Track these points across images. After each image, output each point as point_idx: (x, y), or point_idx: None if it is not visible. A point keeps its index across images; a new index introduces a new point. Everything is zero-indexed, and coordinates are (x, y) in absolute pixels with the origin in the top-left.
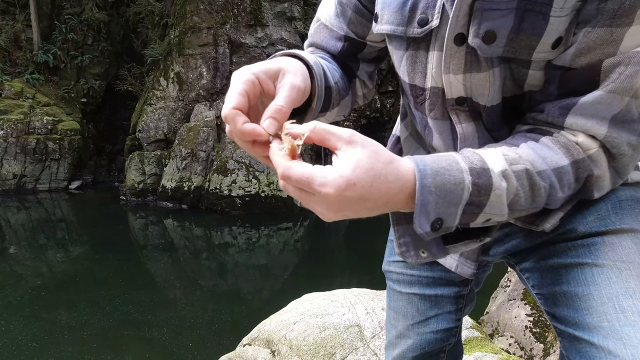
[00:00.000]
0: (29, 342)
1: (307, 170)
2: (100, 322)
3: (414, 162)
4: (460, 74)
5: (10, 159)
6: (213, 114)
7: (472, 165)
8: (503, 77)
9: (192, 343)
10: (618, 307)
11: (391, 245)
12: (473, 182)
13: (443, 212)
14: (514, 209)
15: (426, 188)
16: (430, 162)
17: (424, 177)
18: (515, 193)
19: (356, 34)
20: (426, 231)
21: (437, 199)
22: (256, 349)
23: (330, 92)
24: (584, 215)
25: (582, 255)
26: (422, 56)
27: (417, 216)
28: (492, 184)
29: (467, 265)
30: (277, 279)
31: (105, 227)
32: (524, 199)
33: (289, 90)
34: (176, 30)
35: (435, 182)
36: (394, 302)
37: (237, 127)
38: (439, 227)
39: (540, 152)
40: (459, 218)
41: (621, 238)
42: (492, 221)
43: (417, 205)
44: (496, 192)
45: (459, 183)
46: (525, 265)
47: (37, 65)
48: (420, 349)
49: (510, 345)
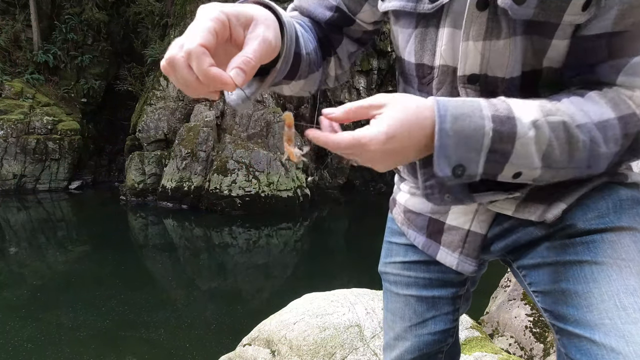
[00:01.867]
0: (26, 343)
1: (350, 137)
2: (99, 322)
3: (436, 108)
4: (480, 40)
5: (10, 159)
6: (213, 114)
7: (496, 112)
8: (524, 48)
9: (192, 343)
10: (619, 304)
11: (387, 246)
12: (494, 128)
13: (464, 157)
14: (550, 164)
15: (444, 132)
16: (452, 107)
17: (443, 122)
18: (547, 144)
19: (348, 7)
20: (446, 175)
21: (456, 143)
22: (256, 349)
23: (299, 60)
24: (584, 212)
25: (582, 252)
26: (432, 33)
27: (436, 158)
28: (517, 132)
29: (468, 262)
30: (277, 279)
31: (105, 227)
32: (559, 152)
33: (260, 44)
34: (176, 30)
35: (454, 127)
36: (391, 303)
37: (201, 67)
38: (461, 174)
39: (583, 106)
40: (482, 166)
41: (620, 236)
42: (523, 176)
43: (435, 147)
44: (521, 140)
45: (479, 129)
46: (523, 262)
47: (37, 65)
48: (418, 351)
49: (510, 345)
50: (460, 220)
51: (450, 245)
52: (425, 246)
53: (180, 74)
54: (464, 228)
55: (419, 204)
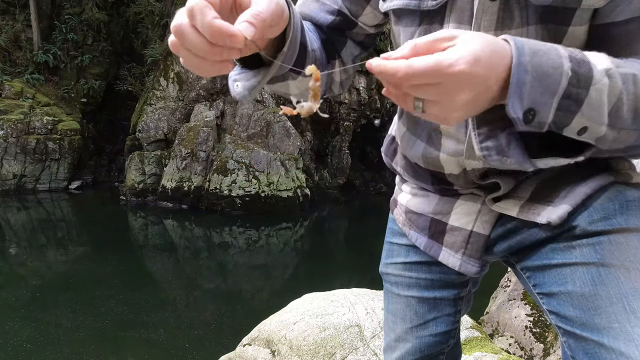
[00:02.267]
0: (25, 343)
1: (430, 58)
2: (98, 322)
3: (513, 41)
4: (491, 31)
5: (10, 159)
6: (213, 114)
7: (572, 54)
8: (541, 39)
9: (192, 343)
10: (628, 307)
11: (388, 247)
12: (572, 68)
13: (537, 100)
14: (615, 123)
15: (522, 66)
16: (528, 42)
17: (521, 54)
18: (618, 96)
19: (350, 10)
20: (518, 116)
21: (532, 80)
22: (256, 349)
23: (305, 53)
24: (590, 214)
25: (588, 254)
26: (436, 30)
27: (511, 96)
28: (593, 76)
29: (471, 263)
30: (277, 279)
31: (105, 227)
32: (627, 109)
33: (269, 3)
34: None
35: (533, 62)
36: (392, 304)
37: (206, 19)
38: (531, 119)
39: None
40: (553, 112)
41: (628, 238)
42: (588, 133)
43: (512, 83)
44: (597, 86)
45: (558, 67)
46: (527, 264)
47: (37, 65)
48: (419, 352)
49: (510, 345)
50: (463, 220)
51: (452, 246)
52: (427, 247)
53: (189, 40)
54: (467, 229)
55: (420, 205)
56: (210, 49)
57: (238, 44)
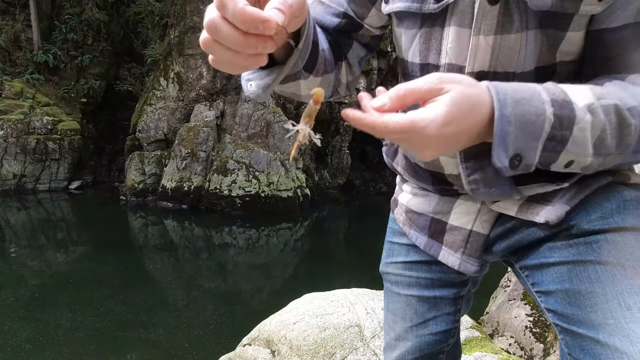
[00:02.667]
0: (24, 344)
1: (406, 119)
2: (98, 322)
3: (495, 91)
4: (491, 35)
5: (10, 159)
6: (213, 114)
7: (554, 96)
8: (538, 42)
9: (192, 343)
10: (623, 304)
11: (389, 246)
12: (555, 113)
13: (523, 146)
14: (600, 151)
15: (505, 118)
16: (511, 91)
17: (503, 106)
18: (601, 129)
19: (355, 13)
20: (504, 165)
21: (516, 130)
22: (256, 349)
23: (317, 51)
24: (587, 213)
25: (585, 253)
26: (437, 32)
27: (495, 147)
28: (576, 117)
29: (470, 262)
30: (277, 279)
31: (105, 227)
32: (610, 138)
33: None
34: (176, 30)
35: (515, 112)
36: (391, 303)
37: (237, 7)
38: (517, 164)
39: (629, 89)
40: (539, 154)
41: (625, 236)
42: (575, 164)
43: (495, 135)
44: (579, 125)
45: (540, 114)
46: (526, 263)
47: (37, 65)
48: (419, 351)
49: (510, 345)
50: (463, 220)
51: (452, 246)
52: (427, 246)
53: (222, 33)
54: (467, 228)
55: (420, 205)
56: (244, 40)
57: (270, 30)
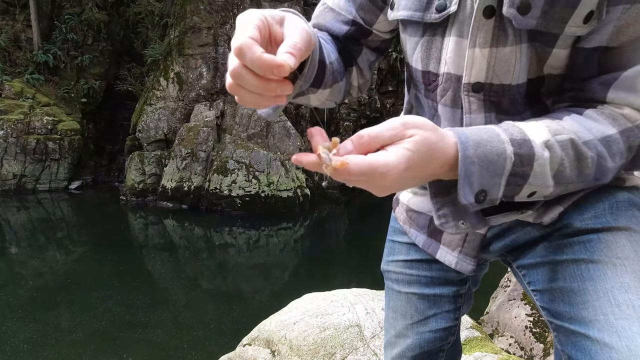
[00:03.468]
0: (23, 344)
1: (366, 164)
2: (98, 322)
3: (457, 136)
4: (486, 47)
5: (10, 159)
6: (213, 114)
7: (512, 136)
8: (530, 56)
9: (192, 343)
10: (613, 301)
11: (390, 245)
12: (515, 152)
13: (487, 183)
14: (560, 181)
15: (469, 159)
16: (471, 134)
17: (465, 148)
18: (559, 163)
19: (364, 20)
20: (470, 202)
21: (480, 169)
22: (256, 349)
23: (324, 68)
24: (581, 213)
25: (578, 251)
26: (438, 42)
27: (461, 187)
28: (535, 154)
29: (467, 262)
30: (277, 279)
31: (105, 227)
32: (569, 170)
33: (301, 33)
34: (176, 30)
35: (477, 153)
36: (392, 301)
37: (255, 55)
38: (483, 199)
39: (585, 124)
40: (502, 190)
41: (616, 235)
42: (537, 195)
43: (460, 176)
44: (539, 161)
45: (501, 153)
46: (523, 262)
47: (37, 65)
48: (419, 349)
49: (510, 345)
50: None
51: (450, 245)
52: (426, 245)
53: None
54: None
55: (420, 203)
56: (265, 84)
57: (284, 73)
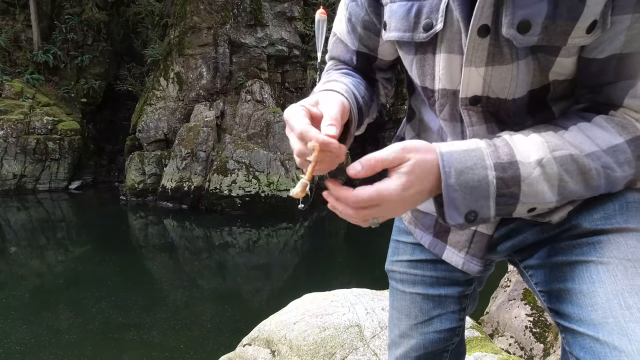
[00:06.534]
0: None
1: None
2: (97, 322)
3: (442, 162)
4: (482, 66)
5: (10, 159)
6: (213, 114)
7: (498, 160)
8: (530, 69)
9: (192, 343)
10: (624, 303)
11: (394, 245)
12: (497, 176)
13: (474, 205)
14: (565, 195)
15: (451, 187)
16: (456, 162)
17: (448, 177)
18: (559, 179)
19: (368, 47)
20: (459, 223)
21: (463, 195)
22: (256, 349)
23: (362, 112)
24: (590, 213)
25: (587, 252)
26: (430, 59)
27: (446, 210)
28: (520, 175)
29: (474, 262)
30: (277, 279)
31: (105, 227)
32: (573, 184)
33: (334, 105)
34: (176, 30)
35: (459, 181)
36: (397, 301)
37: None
38: (473, 219)
39: (591, 133)
40: (493, 210)
41: (626, 237)
42: (538, 210)
43: (444, 202)
44: (527, 181)
45: (483, 179)
46: (530, 262)
47: (37, 65)
48: (423, 349)
49: (510, 345)
50: None
51: (456, 245)
52: (432, 245)
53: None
54: (471, 228)
55: (426, 203)
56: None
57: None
